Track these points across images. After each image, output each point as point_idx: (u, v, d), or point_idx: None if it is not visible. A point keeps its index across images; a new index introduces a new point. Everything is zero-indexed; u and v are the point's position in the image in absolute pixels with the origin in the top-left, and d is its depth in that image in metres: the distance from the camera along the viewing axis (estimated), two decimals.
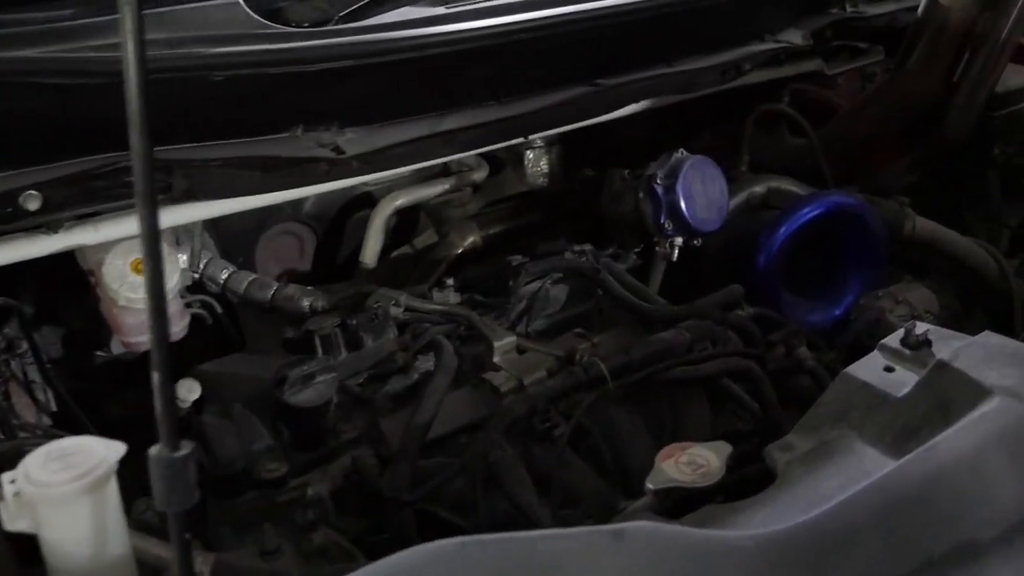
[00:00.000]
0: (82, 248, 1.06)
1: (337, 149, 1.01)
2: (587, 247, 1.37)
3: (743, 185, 1.49)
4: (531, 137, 1.34)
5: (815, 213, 1.36)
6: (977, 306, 1.55)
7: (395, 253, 1.59)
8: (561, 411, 1.08)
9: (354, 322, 1.16)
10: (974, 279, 1.53)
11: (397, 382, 1.14)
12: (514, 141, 1.24)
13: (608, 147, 1.67)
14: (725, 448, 0.88)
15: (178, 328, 1.08)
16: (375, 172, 1.12)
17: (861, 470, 0.80)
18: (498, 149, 1.36)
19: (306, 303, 1.25)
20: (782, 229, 1.36)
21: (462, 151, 1.20)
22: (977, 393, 0.80)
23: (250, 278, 1.30)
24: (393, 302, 1.19)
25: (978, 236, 1.62)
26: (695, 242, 1.35)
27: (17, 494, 0.63)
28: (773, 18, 1.45)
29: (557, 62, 1.18)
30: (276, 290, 1.28)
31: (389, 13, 1.03)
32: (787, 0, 1.45)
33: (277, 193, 1.08)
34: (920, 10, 1.43)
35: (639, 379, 1.10)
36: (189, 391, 1.03)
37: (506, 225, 1.54)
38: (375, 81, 1.03)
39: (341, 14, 1.03)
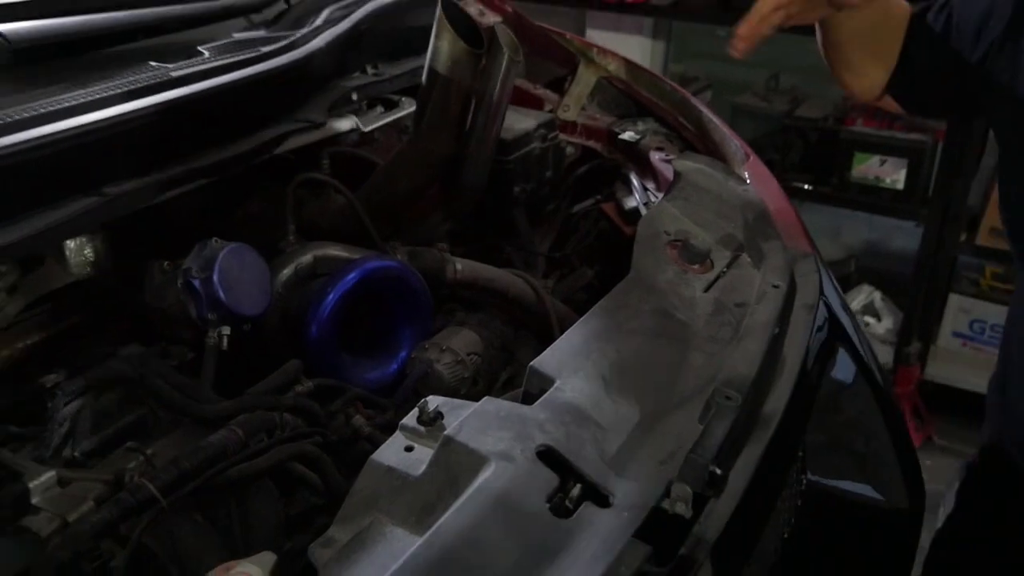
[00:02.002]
0: None
1: None
2: (133, 348, 1.33)
3: (291, 257, 1.52)
4: None
5: (354, 279, 1.42)
6: (523, 329, 1.73)
7: None
8: (124, 535, 1.05)
9: None
10: (517, 306, 1.69)
11: None
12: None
13: (161, 229, 1.63)
14: (269, 559, 0.91)
15: None
16: None
17: (391, 555, 0.87)
18: None
19: None
20: (328, 298, 1.41)
21: None
22: (477, 462, 0.90)
23: None
24: None
25: (518, 266, 1.80)
26: (245, 327, 1.36)
27: None
28: (291, 98, 1.49)
29: (59, 175, 1.12)
30: None
31: None
32: (304, 80, 1.50)
33: None
34: (424, 79, 1.55)
35: (195, 488, 1.09)
36: None
37: (47, 332, 1.44)
38: None
39: None
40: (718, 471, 0.90)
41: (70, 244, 1.53)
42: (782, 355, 1.11)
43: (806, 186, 3.75)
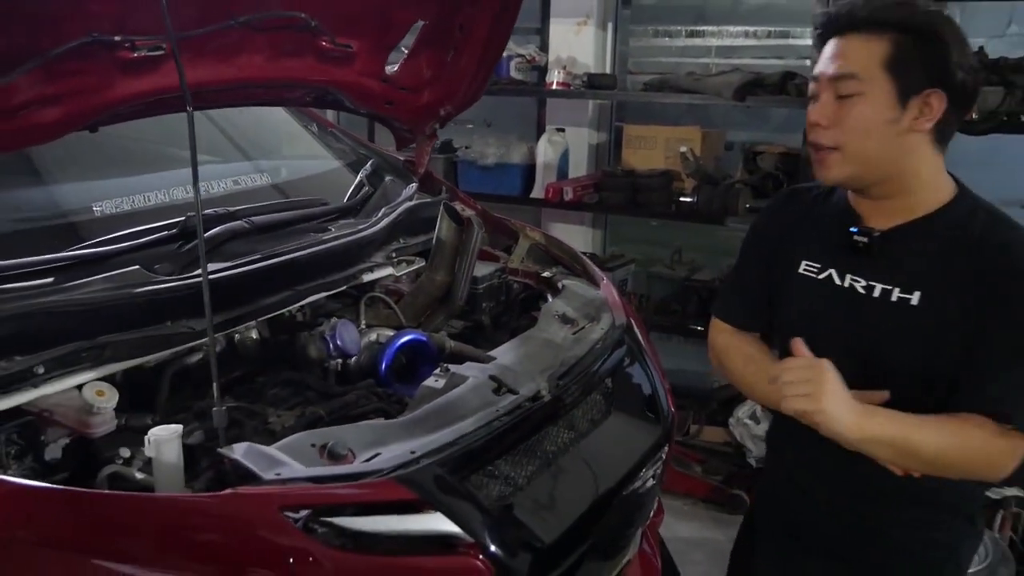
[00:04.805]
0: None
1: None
2: (290, 372, 2.69)
3: (365, 334, 2.90)
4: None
5: (399, 342, 2.80)
6: None
7: None
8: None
9: None
10: None
11: None
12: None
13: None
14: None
15: None
16: None
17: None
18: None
19: None
20: (387, 351, 2.78)
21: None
22: (464, 379, 2.27)
23: None
24: None
25: (486, 349, 3.18)
26: (349, 361, 2.73)
27: None
28: (368, 253, 2.95)
29: (273, 281, 2.55)
30: None
31: None
32: (372, 245, 2.97)
33: None
34: (434, 243, 3.00)
35: (336, 417, 2.43)
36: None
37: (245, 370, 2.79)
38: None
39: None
40: (560, 382, 2.29)
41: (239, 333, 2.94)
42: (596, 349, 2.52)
43: (700, 328, 5.18)
